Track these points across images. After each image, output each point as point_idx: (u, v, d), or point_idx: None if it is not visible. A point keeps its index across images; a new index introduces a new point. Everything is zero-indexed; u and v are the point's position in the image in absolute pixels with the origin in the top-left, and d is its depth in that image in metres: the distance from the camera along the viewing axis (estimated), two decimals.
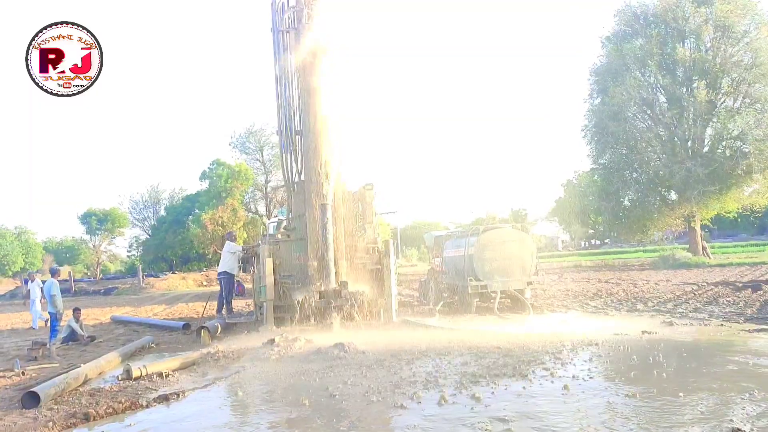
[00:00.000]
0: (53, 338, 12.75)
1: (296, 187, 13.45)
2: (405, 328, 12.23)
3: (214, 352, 10.29)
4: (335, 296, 12.04)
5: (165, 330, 15.97)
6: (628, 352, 8.99)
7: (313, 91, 12.84)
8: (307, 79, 12.96)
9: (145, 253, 58.56)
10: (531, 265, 15.50)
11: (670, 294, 17.82)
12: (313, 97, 12.86)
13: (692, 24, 32.69)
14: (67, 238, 76.54)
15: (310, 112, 12.92)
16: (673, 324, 11.67)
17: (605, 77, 35.24)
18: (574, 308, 15.68)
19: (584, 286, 22.57)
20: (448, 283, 17.46)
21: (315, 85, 12.79)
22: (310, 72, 12.88)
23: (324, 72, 12.83)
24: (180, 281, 44.35)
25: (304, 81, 13.03)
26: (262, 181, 52.22)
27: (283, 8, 13.39)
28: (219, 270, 16.51)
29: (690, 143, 33.63)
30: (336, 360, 9.23)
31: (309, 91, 12.92)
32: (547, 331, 11.39)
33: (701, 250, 35.17)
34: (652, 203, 36.37)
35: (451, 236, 19.05)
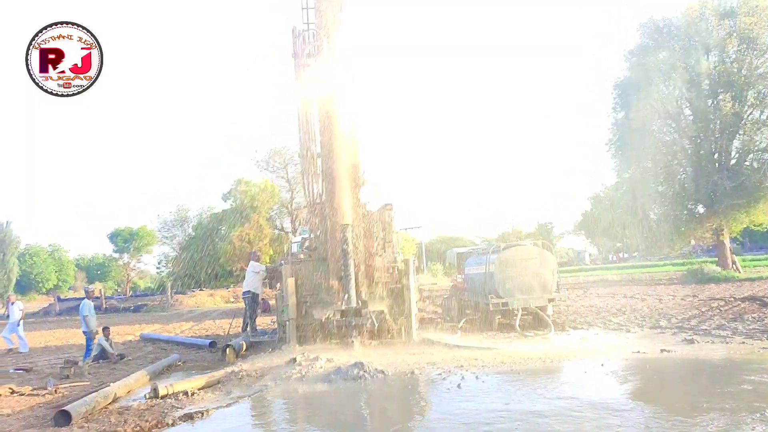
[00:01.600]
0: (87, 357, 13.14)
1: (317, 207, 13.73)
2: (425, 347, 12.38)
3: (238, 371, 10.56)
4: (356, 315, 12.26)
5: (192, 348, 16.32)
6: (644, 371, 9.04)
7: (332, 114, 13.12)
8: (326, 103, 13.25)
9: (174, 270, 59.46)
10: (552, 282, 15.56)
11: (695, 310, 17.67)
12: (332, 120, 13.13)
13: (716, 37, 32.43)
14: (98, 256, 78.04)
15: (330, 135, 13.19)
16: (693, 342, 11.63)
17: (629, 91, 35.05)
18: (597, 325, 15.67)
19: (609, 302, 22.44)
20: (471, 300, 17.57)
21: (334, 109, 13.06)
22: (329, 97, 13.17)
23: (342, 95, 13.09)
24: (208, 298, 44.94)
25: (323, 105, 13.34)
26: (287, 198, 52.75)
27: (302, 34, 13.75)
28: (243, 289, 16.82)
29: (716, 156, 33.27)
30: (355, 380, 9.43)
31: (328, 114, 13.21)
32: (565, 349, 11.45)
33: (730, 264, 34.63)
34: (679, 217, 35.91)
35: (472, 253, 19.19)
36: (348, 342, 12.15)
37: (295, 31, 13.89)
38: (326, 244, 13.37)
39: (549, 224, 73.56)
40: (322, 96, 13.18)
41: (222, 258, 48.23)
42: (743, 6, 32.09)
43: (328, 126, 13.20)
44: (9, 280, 66.53)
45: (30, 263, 73.16)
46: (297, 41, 13.96)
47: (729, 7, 32.74)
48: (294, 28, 13.88)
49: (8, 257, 66.97)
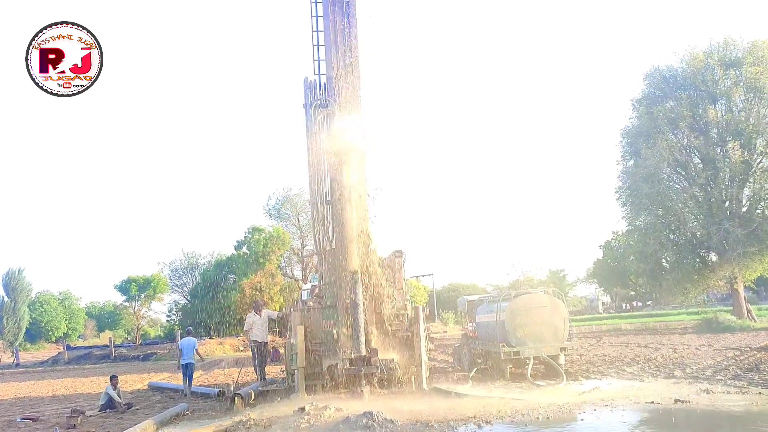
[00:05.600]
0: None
1: (327, 255, 13.78)
2: (436, 396, 12.21)
3: (246, 420, 10.44)
4: (365, 363, 12.15)
5: (200, 397, 16.18)
6: (659, 422, 8.87)
7: (342, 164, 13.26)
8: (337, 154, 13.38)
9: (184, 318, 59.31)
10: (564, 330, 15.41)
11: (710, 360, 17.37)
12: (342, 169, 13.26)
13: (722, 86, 32.77)
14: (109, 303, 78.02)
15: (340, 183, 13.32)
16: (708, 392, 11.42)
17: (637, 139, 35.30)
18: (610, 374, 15.43)
19: (622, 351, 22.11)
20: (482, 349, 17.40)
21: (344, 159, 13.20)
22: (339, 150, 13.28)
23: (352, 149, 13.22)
24: (217, 346, 44.60)
25: (334, 156, 13.48)
26: (298, 246, 52.92)
27: (314, 86, 14.05)
28: (250, 339, 16.75)
29: (727, 204, 33.19)
30: (364, 429, 9.30)
31: (338, 164, 13.36)
32: (578, 399, 11.26)
33: (746, 313, 34.13)
34: (691, 265, 35.61)
35: (483, 301, 19.08)
36: (357, 391, 12.02)
37: (306, 81, 14.22)
38: (335, 292, 13.36)
39: (561, 272, 73.05)
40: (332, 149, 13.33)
41: (232, 306, 48.21)
42: (748, 56, 32.51)
43: (338, 174, 13.33)
44: (19, 328, 66.57)
45: (40, 311, 73.22)
46: (308, 92, 14.27)
47: (734, 57, 33.16)
48: (305, 78, 14.20)
49: (19, 305, 67.16)
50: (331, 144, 13.24)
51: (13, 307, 66.75)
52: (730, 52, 33.55)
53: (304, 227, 51.43)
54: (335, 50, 13.50)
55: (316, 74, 14.18)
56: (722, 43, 33.80)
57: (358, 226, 13.13)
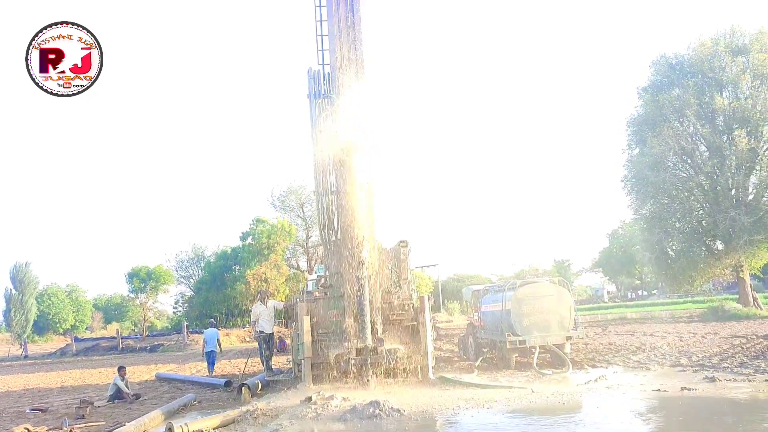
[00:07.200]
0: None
1: (332, 245, 13.78)
2: (442, 386, 12.25)
3: (253, 410, 10.48)
4: (371, 353, 12.18)
5: (207, 387, 16.25)
6: (666, 410, 8.87)
7: (346, 154, 13.18)
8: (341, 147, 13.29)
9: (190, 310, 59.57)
10: (570, 319, 15.39)
11: (716, 348, 17.34)
12: (347, 159, 13.21)
13: (729, 73, 32.59)
14: (116, 296, 78.38)
15: (345, 174, 13.28)
16: (715, 380, 11.40)
17: (643, 127, 35.13)
18: (616, 363, 15.42)
19: (628, 340, 22.09)
20: (487, 338, 17.41)
21: (348, 149, 13.14)
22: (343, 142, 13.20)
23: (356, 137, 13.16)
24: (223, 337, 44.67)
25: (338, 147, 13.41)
26: (303, 237, 52.96)
27: (318, 76, 13.99)
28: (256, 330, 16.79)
29: (733, 192, 33.05)
30: (371, 419, 9.34)
31: (343, 154, 13.25)
32: (584, 387, 11.27)
33: (752, 301, 34.06)
34: (697, 253, 35.49)
35: (488, 290, 19.07)
36: (364, 381, 12.06)
37: (310, 72, 14.15)
38: (342, 282, 13.36)
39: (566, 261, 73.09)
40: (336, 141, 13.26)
41: (238, 296, 48.38)
42: (755, 43, 32.29)
43: (342, 164, 13.28)
44: (27, 320, 67.15)
45: (48, 303, 73.71)
46: (311, 82, 14.21)
47: (742, 44, 32.96)
48: (309, 68, 14.14)
49: (27, 298, 67.75)
50: (335, 135, 13.18)
51: (21, 300, 67.33)
52: (737, 39, 33.35)
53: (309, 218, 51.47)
54: (339, 40, 13.40)
55: (320, 64, 14.09)
56: (729, 30, 33.60)
57: (362, 216, 13.10)
